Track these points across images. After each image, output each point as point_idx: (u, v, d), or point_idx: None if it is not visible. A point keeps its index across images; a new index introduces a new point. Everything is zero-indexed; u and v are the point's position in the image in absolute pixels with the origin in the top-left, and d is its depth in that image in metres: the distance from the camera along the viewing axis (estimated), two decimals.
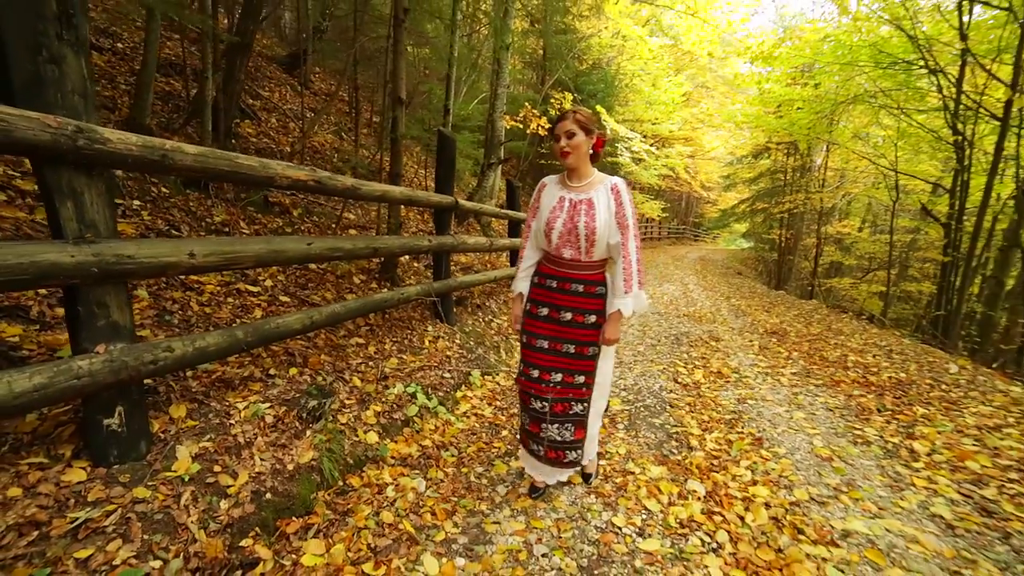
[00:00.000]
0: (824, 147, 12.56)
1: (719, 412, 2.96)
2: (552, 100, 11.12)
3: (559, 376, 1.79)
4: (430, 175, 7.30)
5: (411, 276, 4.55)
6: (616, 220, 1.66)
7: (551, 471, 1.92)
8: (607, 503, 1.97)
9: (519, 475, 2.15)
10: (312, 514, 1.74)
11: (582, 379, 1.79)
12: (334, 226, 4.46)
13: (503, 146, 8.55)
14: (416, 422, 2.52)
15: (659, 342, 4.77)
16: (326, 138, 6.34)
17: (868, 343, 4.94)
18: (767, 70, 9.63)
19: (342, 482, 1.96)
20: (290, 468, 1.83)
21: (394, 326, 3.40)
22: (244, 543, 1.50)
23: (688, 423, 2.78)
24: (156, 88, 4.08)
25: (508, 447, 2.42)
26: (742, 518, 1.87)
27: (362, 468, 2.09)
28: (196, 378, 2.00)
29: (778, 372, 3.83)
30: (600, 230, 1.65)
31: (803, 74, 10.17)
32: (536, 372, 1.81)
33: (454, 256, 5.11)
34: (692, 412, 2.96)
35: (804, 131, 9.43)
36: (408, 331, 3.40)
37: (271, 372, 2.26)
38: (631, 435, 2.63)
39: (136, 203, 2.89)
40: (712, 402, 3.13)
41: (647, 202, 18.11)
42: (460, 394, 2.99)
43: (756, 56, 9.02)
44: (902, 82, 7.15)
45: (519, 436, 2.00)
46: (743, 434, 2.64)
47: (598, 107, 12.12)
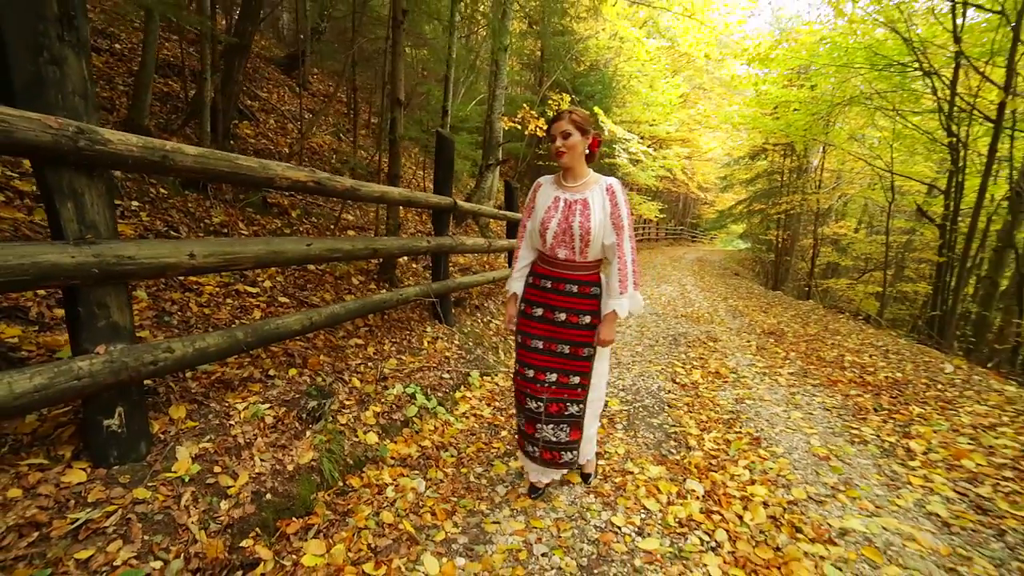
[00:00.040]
0: (820, 148, 12.62)
1: (717, 412, 2.97)
2: (550, 101, 11.15)
3: (554, 376, 1.79)
4: (428, 176, 7.30)
5: (410, 277, 4.55)
6: (611, 221, 1.67)
7: (546, 470, 1.93)
8: (606, 503, 1.97)
9: (518, 475, 2.16)
10: (312, 514, 1.74)
11: (577, 380, 1.80)
12: (333, 227, 4.46)
13: (501, 147, 8.56)
14: (415, 423, 2.52)
15: (657, 343, 4.79)
16: (324, 139, 6.33)
17: (865, 343, 4.97)
18: (764, 72, 9.66)
19: (342, 482, 1.96)
20: (290, 469, 1.83)
21: (393, 327, 3.40)
22: (244, 543, 1.51)
23: (686, 423, 2.79)
24: (154, 89, 4.07)
25: (507, 447, 2.42)
26: (740, 517, 1.89)
27: (362, 469, 2.09)
28: (196, 379, 2.00)
29: (775, 372, 3.85)
30: (595, 230, 1.65)
31: (799, 76, 10.24)
32: (531, 372, 1.81)
33: (452, 257, 5.12)
34: (690, 412, 2.97)
35: (800, 132, 9.49)
36: (407, 332, 3.41)
37: (271, 373, 2.26)
38: (630, 435, 2.64)
39: (135, 204, 2.89)
40: (710, 402, 3.14)
41: (644, 203, 18.12)
42: (459, 395, 2.99)
43: (753, 58, 9.07)
44: (897, 84, 7.21)
45: (517, 437, 2.01)
46: (741, 434, 2.66)
47: (595, 108, 12.18)
